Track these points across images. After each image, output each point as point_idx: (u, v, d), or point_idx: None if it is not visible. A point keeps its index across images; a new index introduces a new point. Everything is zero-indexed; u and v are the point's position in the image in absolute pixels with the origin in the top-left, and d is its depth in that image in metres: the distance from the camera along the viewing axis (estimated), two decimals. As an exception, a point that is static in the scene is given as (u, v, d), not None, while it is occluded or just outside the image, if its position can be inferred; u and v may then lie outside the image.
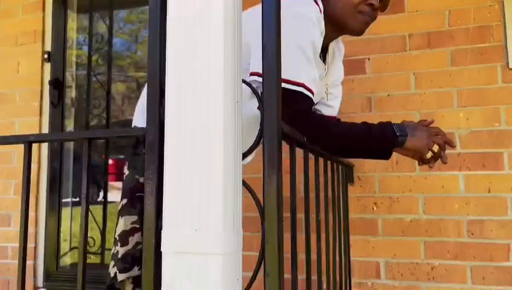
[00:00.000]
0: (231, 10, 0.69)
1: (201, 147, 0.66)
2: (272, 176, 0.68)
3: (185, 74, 0.67)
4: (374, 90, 1.96)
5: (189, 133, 0.66)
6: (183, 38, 0.68)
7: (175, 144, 0.67)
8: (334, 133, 1.10)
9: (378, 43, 1.97)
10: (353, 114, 1.98)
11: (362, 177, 1.94)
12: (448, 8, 1.89)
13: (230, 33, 0.67)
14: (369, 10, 1.18)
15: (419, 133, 1.14)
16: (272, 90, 0.70)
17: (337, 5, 1.18)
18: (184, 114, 0.67)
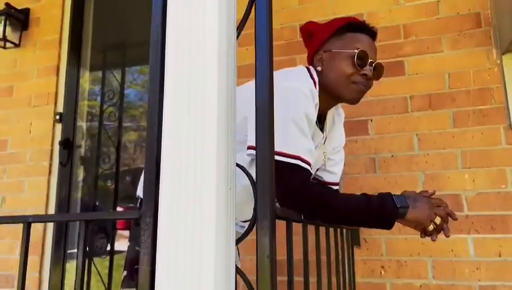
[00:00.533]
0: (224, 90, 0.71)
1: (193, 231, 0.66)
2: (264, 261, 0.67)
3: (179, 160, 0.68)
4: (378, 151, 1.97)
5: (182, 215, 0.67)
6: (175, 125, 0.70)
7: (168, 225, 0.67)
8: (332, 205, 1.09)
9: (380, 104, 2.00)
10: (357, 175, 1.97)
11: (369, 240, 1.91)
12: (448, 71, 1.93)
13: (223, 122, 0.69)
14: (362, 80, 1.21)
15: (421, 205, 1.13)
16: (265, 175, 0.71)
17: (330, 75, 1.22)
18: (178, 197, 0.68)
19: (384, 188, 1.90)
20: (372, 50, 1.25)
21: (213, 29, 0.72)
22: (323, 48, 1.27)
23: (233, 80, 0.75)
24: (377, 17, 2.08)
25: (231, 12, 0.77)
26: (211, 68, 0.70)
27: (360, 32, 1.25)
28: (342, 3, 2.16)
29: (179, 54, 0.73)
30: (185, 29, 0.73)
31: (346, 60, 1.20)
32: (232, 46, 0.75)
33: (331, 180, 1.43)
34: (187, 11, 0.74)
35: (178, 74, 0.72)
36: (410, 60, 1.99)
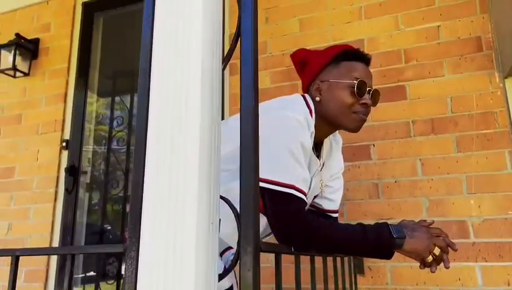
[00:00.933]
0: (207, 121, 0.71)
1: (174, 264, 0.65)
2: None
3: (161, 197, 0.68)
4: (381, 177, 1.94)
5: (162, 250, 0.66)
6: (158, 160, 0.70)
7: (149, 260, 0.66)
8: (326, 235, 1.07)
9: (382, 129, 1.99)
10: (360, 201, 1.94)
11: (373, 268, 1.86)
12: (450, 95, 1.91)
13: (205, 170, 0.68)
14: (362, 109, 1.21)
15: (419, 235, 1.10)
16: (249, 212, 0.70)
17: (330, 105, 1.22)
18: (159, 232, 0.67)
19: (387, 214, 1.87)
20: (369, 77, 1.25)
21: (196, 64, 0.72)
22: (319, 77, 1.27)
23: (217, 112, 0.75)
24: (378, 43, 2.09)
25: (216, 48, 0.78)
26: (194, 102, 0.70)
27: (355, 60, 1.25)
28: (342, 30, 2.17)
29: (164, 87, 0.73)
30: (170, 63, 0.74)
31: (345, 90, 1.20)
32: (216, 79, 0.76)
33: (331, 208, 1.41)
34: (173, 47, 0.75)
35: (163, 106, 0.72)
36: (411, 85, 1.99)
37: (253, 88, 0.76)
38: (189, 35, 0.74)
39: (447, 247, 1.12)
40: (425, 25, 2.02)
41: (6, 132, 2.89)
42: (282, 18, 2.31)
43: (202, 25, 0.75)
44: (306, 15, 2.26)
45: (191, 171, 0.67)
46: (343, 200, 1.91)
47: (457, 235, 1.76)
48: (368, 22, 2.13)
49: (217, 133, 0.74)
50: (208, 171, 0.69)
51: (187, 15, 0.75)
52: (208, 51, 0.75)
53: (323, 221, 1.19)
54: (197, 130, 0.69)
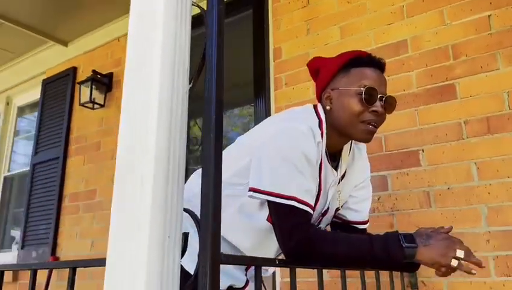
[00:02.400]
0: (164, 143, 0.75)
1: (128, 277, 0.69)
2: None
3: (122, 210, 0.73)
4: (432, 184, 1.80)
5: (120, 263, 0.70)
6: (122, 178, 0.75)
7: (110, 270, 0.71)
8: (330, 248, 1.03)
9: (431, 132, 1.85)
10: (410, 211, 1.82)
11: (428, 283, 1.72)
12: (506, 89, 1.72)
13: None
14: (372, 117, 1.15)
15: (435, 242, 1.01)
16: (207, 222, 0.72)
17: (339, 114, 1.18)
18: (119, 247, 0.72)
19: (441, 224, 1.71)
20: (381, 83, 1.18)
21: (155, 85, 0.77)
22: (329, 85, 1.24)
23: (180, 129, 0.78)
24: (422, 41, 1.96)
25: (180, 68, 0.82)
26: (151, 121, 0.75)
27: (366, 66, 1.20)
28: (384, 32, 2.08)
29: (131, 105, 0.79)
30: (137, 83, 0.80)
31: (353, 98, 1.15)
32: (178, 98, 0.79)
33: (356, 219, 1.35)
34: (140, 67, 0.81)
35: (130, 126, 0.78)
36: (462, 82, 1.83)
37: (215, 102, 0.79)
38: (150, 57, 0.79)
39: (469, 250, 1.01)
40: (474, 16, 1.85)
41: (89, 158, 3.24)
42: (322, 27, 2.29)
43: (162, 47, 0.79)
44: (346, 21, 2.21)
45: (145, 188, 0.71)
46: (388, 210, 1.81)
47: (523, 246, 1.56)
48: (410, 21, 2.02)
49: (178, 150, 0.77)
50: (164, 188, 0.73)
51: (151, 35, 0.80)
52: (167, 73, 0.79)
53: (327, 233, 1.15)
54: (152, 150, 0.73)
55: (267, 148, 1.11)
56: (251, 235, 1.22)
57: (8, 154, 4.21)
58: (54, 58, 3.83)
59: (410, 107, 1.92)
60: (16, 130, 4.31)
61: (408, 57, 1.99)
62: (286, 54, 2.39)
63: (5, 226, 3.96)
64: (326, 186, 1.24)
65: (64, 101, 3.57)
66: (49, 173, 3.47)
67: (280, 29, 2.46)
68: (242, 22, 2.75)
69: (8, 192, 4.09)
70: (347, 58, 1.23)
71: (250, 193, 1.10)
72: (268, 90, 2.41)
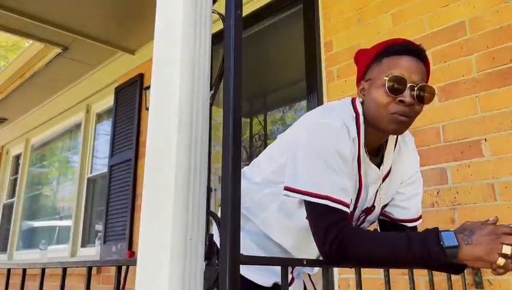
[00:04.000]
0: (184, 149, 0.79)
1: (154, 276, 0.74)
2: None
3: (149, 214, 0.79)
4: (496, 175, 1.67)
5: (146, 263, 0.76)
6: (150, 177, 0.81)
7: (140, 270, 0.77)
8: (365, 248, 1.00)
9: (494, 120, 1.71)
10: (473, 205, 1.70)
11: (494, 282, 1.60)
12: None
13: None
14: (401, 108, 1.09)
15: (478, 238, 0.93)
16: (226, 222, 0.75)
17: (370, 106, 1.14)
18: (147, 248, 0.78)
19: (508, 219, 1.61)
20: (414, 71, 1.11)
21: (174, 101, 0.81)
22: (364, 77, 1.20)
23: (202, 137, 0.82)
24: (482, 21, 1.82)
25: (201, 82, 0.86)
26: (173, 132, 0.79)
27: (399, 54, 1.14)
28: (440, 15, 1.96)
29: (156, 118, 0.85)
30: (161, 99, 0.85)
31: (380, 89, 1.10)
32: (198, 110, 0.83)
33: (404, 217, 1.29)
34: (163, 84, 0.86)
35: (156, 136, 0.84)
36: (528, 63, 1.67)
37: (233, 108, 0.81)
38: (171, 66, 0.84)
39: None
40: (541, -12, 1.68)
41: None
42: (373, 16, 2.21)
43: (181, 56, 0.83)
44: (398, 7, 2.11)
45: (168, 193, 0.76)
46: (449, 204, 1.72)
47: None
48: (468, 1, 1.88)
49: (199, 156, 0.81)
50: (185, 193, 0.77)
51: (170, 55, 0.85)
52: (187, 82, 0.82)
53: (363, 232, 1.12)
54: (173, 157, 0.78)
55: (301, 146, 1.11)
56: (292, 234, 1.23)
57: (90, 157, 4.61)
58: (123, 67, 4.11)
59: (470, 93, 1.79)
60: (96, 135, 4.70)
61: (467, 39, 1.85)
62: (337, 47, 2.34)
63: (90, 223, 4.35)
64: (367, 183, 1.20)
65: (134, 106, 3.82)
66: (123, 173, 3.74)
67: (330, 22, 2.42)
68: (293, 18, 2.74)
69: (92, 192, 4.48)
70: (381, 48, 1.17)
71: (285, 191, 1.11)
72: (321, 85, 2.38)
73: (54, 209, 5.45)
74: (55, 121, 5.29)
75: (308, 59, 2.49)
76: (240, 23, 0.88)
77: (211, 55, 0.90)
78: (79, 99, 4.76)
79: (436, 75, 1.89)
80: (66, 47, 3.99)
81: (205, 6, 0.91)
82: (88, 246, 4.15)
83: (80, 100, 4.76)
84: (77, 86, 4.75)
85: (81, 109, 4.78)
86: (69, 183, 5.08)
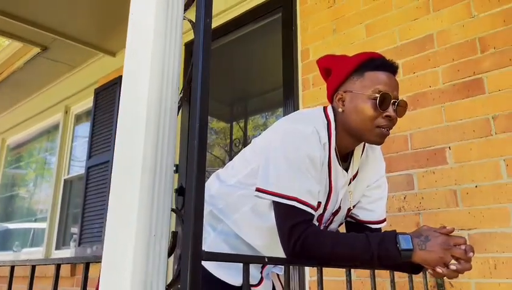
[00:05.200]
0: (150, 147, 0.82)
1: (117, 269, 0.77)
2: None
3: (115, 211, 0.82)
4: (459, 182, 1.75)
5: (112, 257, 0.79)
6: (118, 180, 0.84)
7: (106, 263, 0.80)
8: (328, 248, 1.05)
9: (458, 129, 1.79)
10: (437, 210, 1.78)
11: (455, 284, 1.67)
12: (538, 82, 1.63)
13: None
14: (386, 122, 1.16)
15: (432, 245, 1.00)
16: (189, 219, 0.79)
17: (352, 117, 1.19)
18: (111, 242, 0.81)
19: (469, 224, 1.69)
20: (394, 88, 1.18)
21: (143, 100, 0.85)
22: (342, 87, 1.23)
23: (168, 139, 0.86)
24: (449, 35, 1.90)
25: (169, 87, 0.89)
26: (139, 133, 0.83)
27: (380, 70, 1.19)
28: (410, 28, 2.04)
29: (124, 118, 0.88)
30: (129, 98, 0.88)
31: (367, 103, 1.16)
32: (166, 110, 0.87)
33: (369, 219, 1.35)
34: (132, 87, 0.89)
35: (123, 135, 0.87)
36: (490, 76, 1.75)
37: (199, 111, 0.85)
38: (140, 70, 0.87)
39: (465, 256, 0.99)
40: (503, 6, 1.77)
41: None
42: (348, 26, 2.29)
43: (151, 60, 0.87)
44: (371, 19, 2.19)
45: (134, 191, 0.80)
46: (415, 209, 1.79)
47: (556, 247, 1.48)
48: (436, 15, 1.97)
49: (166, 157, 0.85)
50: (151, 191, 0.80)
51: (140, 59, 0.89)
52: (155, 86, 0.86)
53: (325, 232, 1.17)
54: (140, 156, 0.81)
55: (273, 150, 1.16)
56: (263, 234, 1.27)
57: (67, 159, 4.57)
58: (104, 69, 4.11)
59: (436, 103, 1.88)
60: (74, 137, 4.66)
61: (434, 52, 1.94)
62: (313, 55, 2.41)
63: (65, 226, 4.30)
64: (337, 187, 1.26)
65: (113, 108, 3.81)
66: (101, 175, 3.72)
67: (308, 31, 2.49)
68: (272, 26, 2.80)
69: (68, 194, 4.44)
70: (361, 60, 1.22)
71: (256, 192, 1.16)
72: (297, 92, 2.44)
73: (29, 211, 5.37)
74: (32, 122, 5.23)
75: (286, 66, 2.55)
76: (209, 31, 0.92)
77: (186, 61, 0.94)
78: (58, 100, 4.72)
79: (406, 85, 1.97)
80: (45, 47, 3.96)
81: (176, 12, 0.95)
82: (63, 249, 4.10)
83: (58, 101, 4.72)
84: (56, 86, 4.71)
85: (60, 110, 4.74)
86: (46, 184, 5.02)
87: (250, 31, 3.00)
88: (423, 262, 1.01)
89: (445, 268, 1.00)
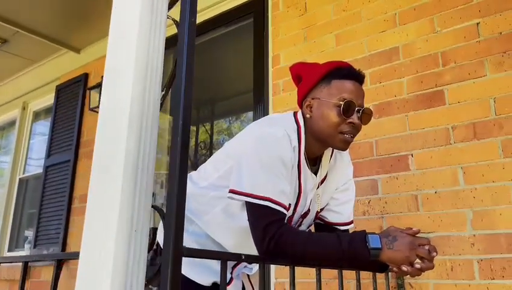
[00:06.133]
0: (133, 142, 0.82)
1: (98, 264, 0.76)
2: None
3: (95, 207, 0.81)
4: (420, 188, 1.84)
5: (91, 253, 0.78)
6: (97, 177, 0.83)
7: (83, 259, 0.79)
8: (300, 247, 1.08)
9: (420, 138, 1.89)
10: (399, 214, 1.86)
11: (415, 285, 1.75)
12: (493, 95, 1.75)
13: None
14: (349, 129, 1.20)
15: (399, 245, 1.06)
16: (171, 215, 0.79)
17: (319, 123, 1.23)
18: (91, 237, 0.80)
19: (428, 227, 1.77)
20: (359, 96, 1.23)
21: (127, 92, 0.85)
22: (310, 94, 1.28)
23: (150, 135, 0.86)
24: (413, 48, 2.01)
25: (153, 79, 0.90)
26: (122, 126, 0.83)
27: (346, 78, 1.24)
28: (377, 39, 2.13)
29: (107, 110, 0.87)
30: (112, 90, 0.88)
31: (332, 110, 1.20)
32: (149, 103, 0.87)
33: (337, 221, 1.40)
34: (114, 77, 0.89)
35: (105, 131, 0.87)
36: (450, 88, 1.86)
37: (182, 109, 0.86)
38: (124, 67, 0.87)
39: (429, 255, 1.05)
40: (463, 24, 1.89)
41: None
42: (319, 35, 2.35)
43: (135, 57, 0.87)
44: (341, 29, 2.27)
45: (116, 187, 0.79)
46: (378, 213, 1.86)
47: (507, 250, 1.58)
48: (402, 29, 2.07)
49: (148, 152, 0.85)
50: (133, 187, 0.80)
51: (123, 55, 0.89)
52: (140, 82, 0.86)
53: (298, 231, 1.20)
54: (122, 152, 0.81)
55: (246, 153, 1.18)
56: (234, 234, 1.29)
57: (23, 157, 4.38)
58: (67, 65, 3.99)
59: (400, 112, 1.97)
60: (32, 134, 4.48)
61: (400, 63, 2.03)
62: (284, 61, 2.46)
63: (19, 227, 4.11)
64: (306, 189, 1.29)
65: (76, 105, 3.71)
66: (60, 175, 3.60)
67: (279, 37, 2.54)
68: (243, 30, 2.83)
69: (23, 193, 4.25)
70: (328, 69, 1.27)
71: (229, 194, 1.17)
72: (267, 97, 2.48)
73: (-21, 211, 5.08)
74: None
75: (257, 71, 2.58)
76: (194, 30, 0.93)
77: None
78: (15, 95, 4.53)
79: (372, 94, 2.05)
80: (5, 40, 3.80)
81: (161, 11, 0.95)
82: (16, 250, 3.92)
83: (16, 96, 4.53)
84: (14, 81, 4.52)
85: (17, 106, 4.54)
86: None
87: (221, 35, 3.02)
88: (390, 261, 1.06)
89: (410, 267, 1.06)
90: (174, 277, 0.76)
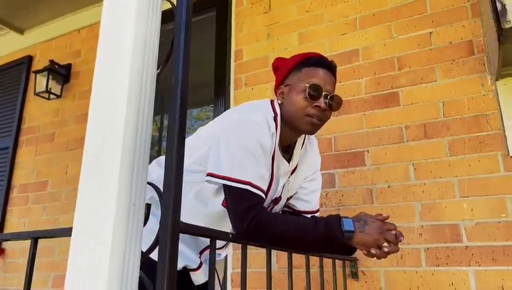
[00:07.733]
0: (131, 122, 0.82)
1: (95, 238, 0.75)
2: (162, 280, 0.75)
3: (92, 181, 0.80)
4: (375, 182, 1.96)
5: (88, 225, 0.77)
6: (93, 149, 0.82)
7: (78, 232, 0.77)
8: (279, 229, 1.13)
9: (376, 135, 2.02)
10: (355, 206, 1.97)
11: (367, 272, 1.87)
12: (442, 99, 1.92)
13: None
14: (316, 112, 1.26)
15: (369, 229, 1.14)
16: (169, 194, 0.80)
17: (288, 108, 1.29)
18: (88, 211, 0.78)
19: (381, 219, 1.88)
20: (328, 83, 1.30)
21: (125, 69, 0.84)
22: (284, 82, 1.35)
23: (147, 111, 0.86)
24: (372, 52, 2.14)
25: (150, 56, 0.90)
26: (121, 103, 0.82)
27: (316, 66, 1.31)
28: (338, 41, 2.24)
29: (101, 89, 0.86)
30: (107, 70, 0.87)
31: (300, 94, 1.26)
32: (147, 81, 0.87)
33: (305, 209, 1.46)
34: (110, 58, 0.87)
35: (99, 107, 0.85)
36: (405, 91, 2.01)
37: (180, 94, 0.87)
38: (122, 45, 0.86)
39: (396, 239, 1.15)
40: (418, 32, 2.05)
41: (41, 149, 3.18)
42: (282, 33, 2.42)
43: (134, 38, 0.87)
44: (305, 29, 2.36)
45: (114, 163, 0.78)
46: (335, 205, 1.95)
47: (450, 239, 1.74)
48: (362, 32, 2.19)
49: (145, 127, 0.85)
50: (131, 163, 0.80)
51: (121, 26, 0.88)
52: (138, 64, 0.86)
53: (277, 215, 1.25)
54: (121, 130, 0.80)
55: (226, 137, 1.20)
56: (206, 219, 1.30)
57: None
58: (7, 46, 3.73)
59: (358, 111, 2.09)
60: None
61: (359, 65, 2.15)
62: (247, 56, 2.50)
63: None
64: (278, 176, 1.34)
65: (18, 90, 3.48)
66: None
67: (242, 32, 2.57)
68: (205, 23, 2.83)
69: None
70: (301, 58, 1.34)
71: (207, 177, 1.19)
72: (229, 91, 2.50)
73: None
74: None
75: (218, 65, 2.59)
76: (190, 12, 0.94)
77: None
78: None
79: (332, 92, 2.15)
80: None
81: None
82: None
83: None
84: None
85: None
86: None
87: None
88: (361, 243, 1.14)
89: (378, 250, 1.14)
90: (172, 251, 0.77)
